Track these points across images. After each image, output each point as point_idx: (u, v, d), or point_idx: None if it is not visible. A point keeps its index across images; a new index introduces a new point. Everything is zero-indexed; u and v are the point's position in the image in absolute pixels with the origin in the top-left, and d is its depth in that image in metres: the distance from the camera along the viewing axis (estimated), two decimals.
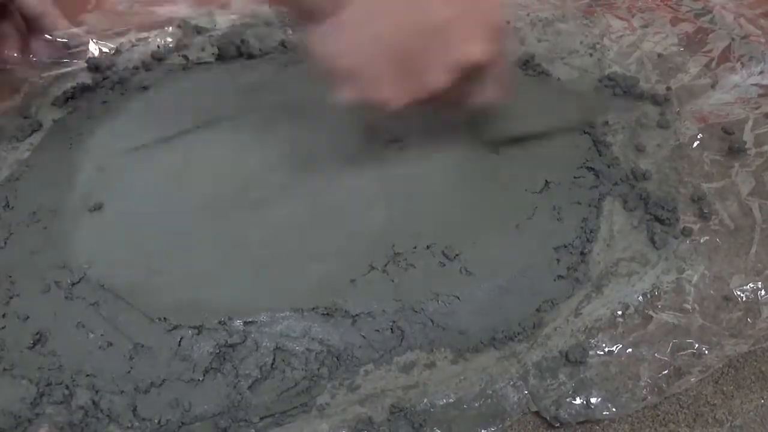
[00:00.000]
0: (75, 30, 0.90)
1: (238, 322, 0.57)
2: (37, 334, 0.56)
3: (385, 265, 0.61)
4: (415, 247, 0.62)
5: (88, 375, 0.54)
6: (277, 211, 0.66)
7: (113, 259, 0.62)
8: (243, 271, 0.61)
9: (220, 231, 0.65)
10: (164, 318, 0.57)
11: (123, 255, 0.63)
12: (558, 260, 0.62)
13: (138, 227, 0.66)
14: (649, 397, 0.54)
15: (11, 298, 0.60)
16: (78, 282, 0.60)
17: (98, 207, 0.67)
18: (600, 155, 0.72)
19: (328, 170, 0.70)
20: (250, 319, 0.57)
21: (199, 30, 0.93)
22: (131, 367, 0.54)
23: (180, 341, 0.55)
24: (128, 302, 0.58)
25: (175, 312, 0.57)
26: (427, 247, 0.62)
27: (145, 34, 0.93)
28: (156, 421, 0.52)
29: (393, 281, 0.60)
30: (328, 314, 0.57)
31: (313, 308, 0.57)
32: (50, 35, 0.88)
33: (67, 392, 0.53)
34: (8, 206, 0.69)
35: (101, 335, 0.56)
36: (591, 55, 0.87)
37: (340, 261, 0.61)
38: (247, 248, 0.63)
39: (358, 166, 0.71)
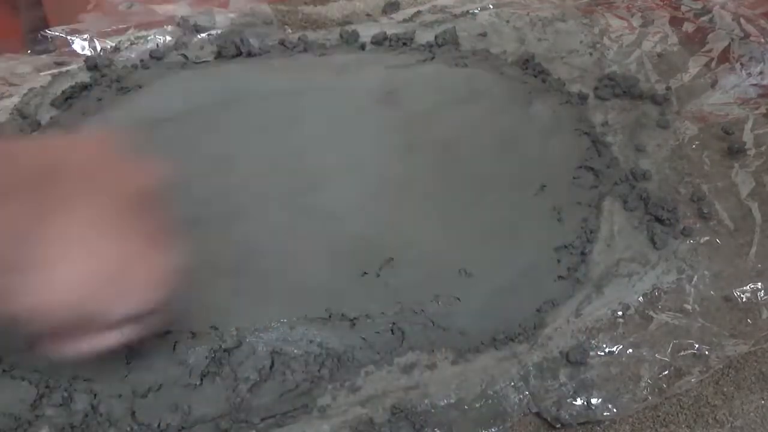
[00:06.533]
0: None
1: (231, 327, 0.56)
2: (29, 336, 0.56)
3: (379, 270, 0.61)
4: (407, 252, 0.62)
5: (85, 380, 0.54)
6: (265, 216, 0.66)
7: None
8: (230, 276, 0.60)
9: (207, 236, 0.63)
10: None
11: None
12: (558, 261, 0.62)
13: None
14: (649, 398, 0.54)
15: None
16: None
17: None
18: (600, 155, 0.72)
19: (317, 172, 0.70)
20: (243, 326, 0.57)
21: (198, 29, 0.93)
22: (128, 372, 0.54)
23: (174, 346, 0.55)
24: None
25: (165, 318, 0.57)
26: (421, 252, 0.62)
27: (144, 33, 0.93)
28: (156, 425, 0.51)
29: (388, 284, 0.60)
30: (324, 318, 0.57)
31: (305, 316, 0.57)
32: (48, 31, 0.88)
33: (66, 395, 0.53)
34: None
35: None
36: (591, 54, 0.87)
37: (331, 267, 0.61)
38: (233, 254, 0.62)
39: (349, 167, 0.71)
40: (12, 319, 0.40)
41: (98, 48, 0.92)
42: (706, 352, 0.56)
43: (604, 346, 0.57)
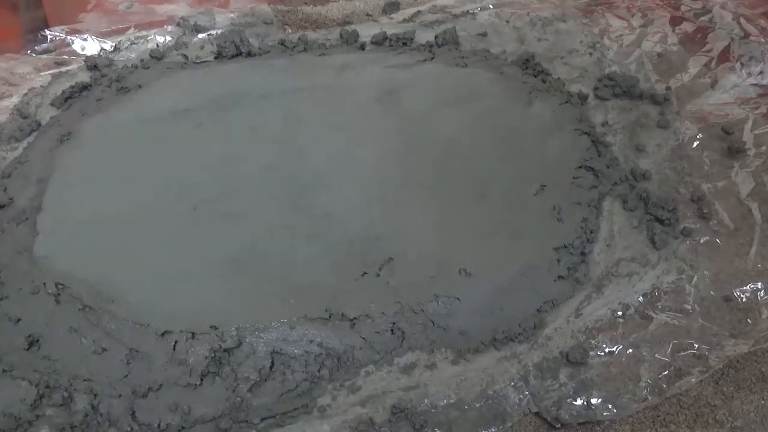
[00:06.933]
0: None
1: (231, 327, 0.56)
2: (29, 336, 0.56)
3: (379, 270, 0.61)
4: (407, 252, 0.62)
5: (85, 380, 0.54)
6: (265, 216, 0.66)
7: (95, 262, 0.62)
8: (229, 277, 0.61)
9: (207, 236, 0.64)
10: (153, 323, 0.56)
11: (106, 260, 0.62)
12: (558, 261, 0.62)
13: (124, 232, 0.65)
14: (649, 398, 0.54)
15: (1, 299, 0.59)
16: (63, 287, 0.60)
17: (82, 207, 0.67)
18: (600, 155, 0.72)
19: (317, 173, 0.70)
20: (243, 326, 0.57)
21: (198, 29, 0.93)
22: (128, 372, 0.54)
23: (174, 346, 0.55)
24: (114, 308, 0.58)
25: (165, 318, 0.57)
26: (421, 252, 0.62)
27: (144, 33, 0.93)
28: (156, 425, 0.51)
29: (388, 284, 0.60)
30: (324, 318, 0.57)
31: (305, 316, 0.57)
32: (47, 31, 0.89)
33: (66, 395, 0.53)
34: None
35: (93, 340, 0.56)
36: (590, 54, 0.87)
37: (330, 267, 0.61)
38: (233, 254, 0.62)
39: (349, 167, 0.71)
40: None
41: (98, 48, 0.92)
42: (706, 352, 0.56)
43: (604, 346, 0.57)
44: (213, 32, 0.93)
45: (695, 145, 0.73)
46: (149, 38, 0.92)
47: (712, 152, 0.73)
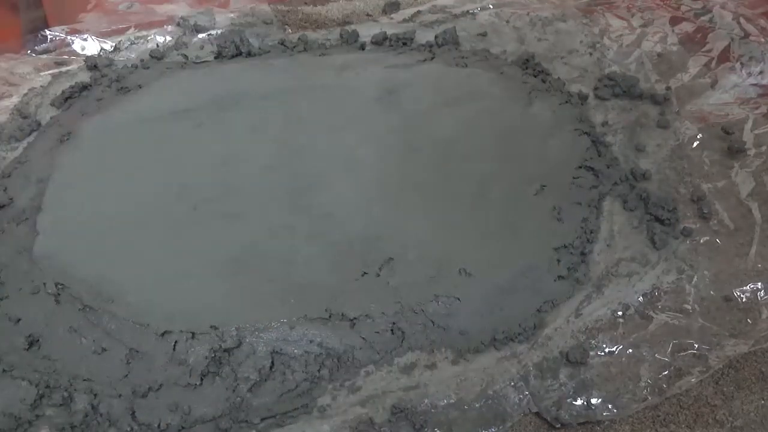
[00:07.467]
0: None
1: (231, 327, 0.56)
2: (29, 336, 0.56)
3: (379, 270, 0.61)
4: (407, 252, 0.62)
5: (85, 379, 0.54)
6: (265, 216, 0.66)
7: (95, 262, 0.62)
8: (229, 277, 0.61)
9: (207, 236, 0.64)
10: (153, 323, 0.56)
11: (106, 260, 0.62)
12: (558, 260, 0.62)
13: (124, 232, 0.65)
14: (649, 398, 0.54)
15: (1, 300, 0.59)
16: (63, 287, 0.59)
17: (82, 207, 0.67)
18: (600, 155, 0.72)
19: (317, 173, 0.70)
20: (243, 326, 0.57)
21: (198, 29, 0.93)
22: (128, 372, 0.54)
23: (174, 346, 0.55)
24: (114, 308, 0.58)
25: (165, 318, 0.57)
26: (421, 252, 0.62)
27: (144, 33, 0.93)
28: (156, 424, 0.51)
29: (388, 284, 0.60)
30: (324, 318, 0.57)
31: (305, 316, 0.57)
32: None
33: (66, 395, 0.53)
34: None
35: (93, 340, 0.56)
36: (590, 54, 0.87)
37: (330, 267, 0.61)
38: (233, 254, 0.62)
39: (349, 167, 0.71)
40: None
41: (98, 48, 0.92)
42: (706, 352, 0.56)
43: (604, 346, 0.57)
44: (213, 32, 0.93)
45: (695, 145, 0.73)
46: (149, 38, 0.92)
47: (712, 152, 0.73)
